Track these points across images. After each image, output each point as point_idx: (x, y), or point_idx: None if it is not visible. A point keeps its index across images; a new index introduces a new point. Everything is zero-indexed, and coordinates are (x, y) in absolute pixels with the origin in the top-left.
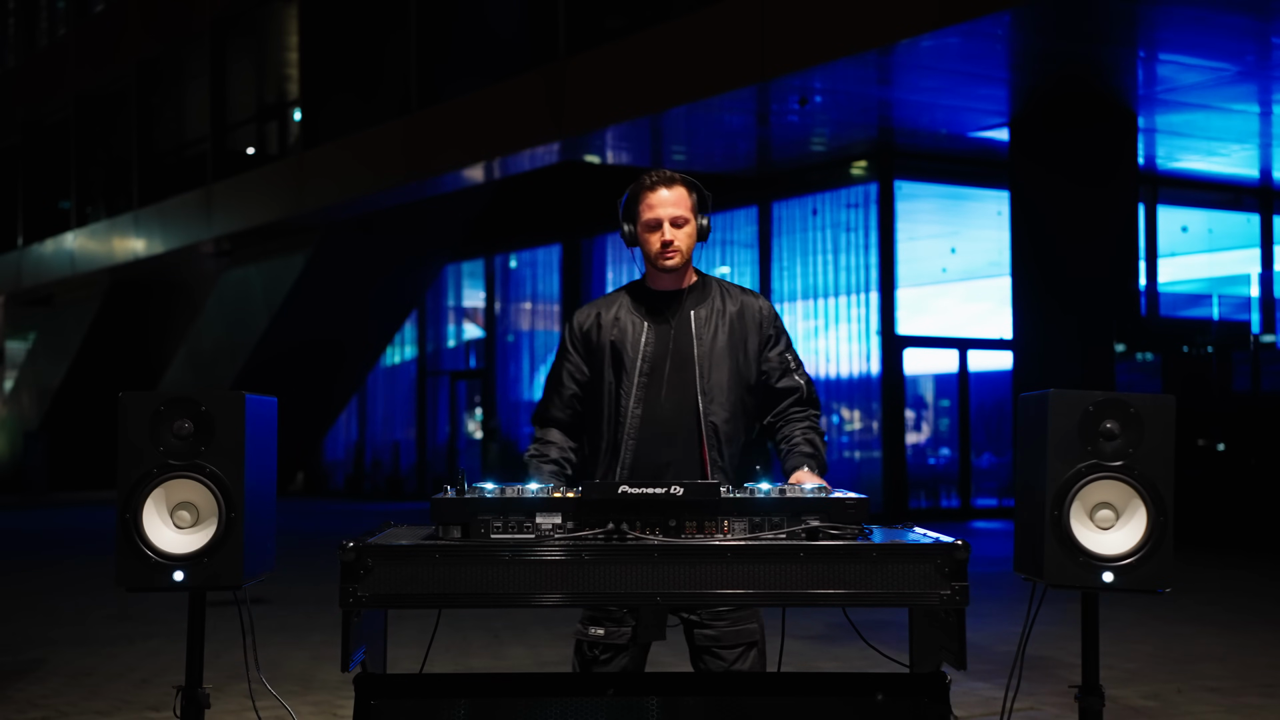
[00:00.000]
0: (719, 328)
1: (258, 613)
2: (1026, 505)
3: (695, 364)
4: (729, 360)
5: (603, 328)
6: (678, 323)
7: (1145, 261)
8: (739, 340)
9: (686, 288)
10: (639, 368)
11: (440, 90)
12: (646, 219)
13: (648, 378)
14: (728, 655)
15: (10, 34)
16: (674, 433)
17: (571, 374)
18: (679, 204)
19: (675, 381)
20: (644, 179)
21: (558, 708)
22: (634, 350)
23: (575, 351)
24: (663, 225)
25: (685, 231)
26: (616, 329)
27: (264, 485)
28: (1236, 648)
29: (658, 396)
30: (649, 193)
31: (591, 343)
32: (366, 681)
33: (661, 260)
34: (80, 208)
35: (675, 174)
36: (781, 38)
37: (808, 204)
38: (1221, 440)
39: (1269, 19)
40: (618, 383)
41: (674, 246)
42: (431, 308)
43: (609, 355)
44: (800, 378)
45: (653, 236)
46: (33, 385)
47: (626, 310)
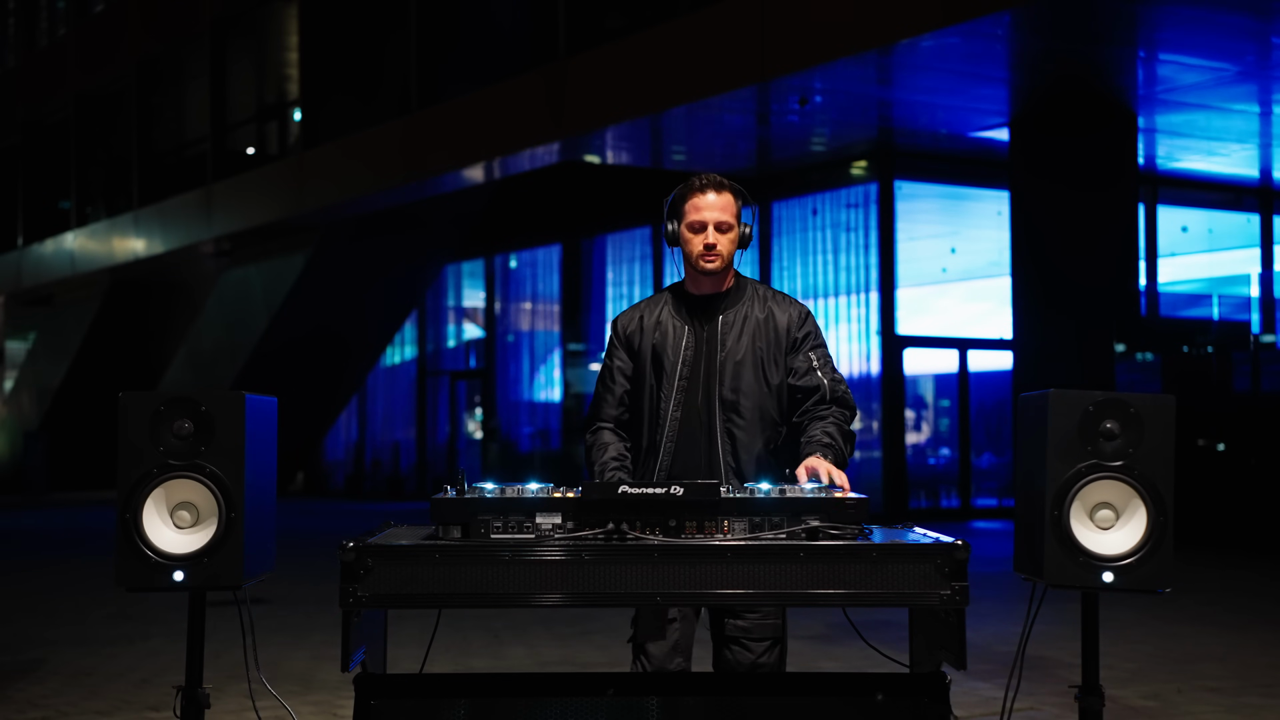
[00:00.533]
0: (744, 333)
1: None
2: (1026, 505)
3: (718, 370)
4: (752, 366)
5: (645, 331)
6: (711, 327)
7: (1145, 261)
8: (764, 346)
9: (724, 291)
10: (679, 371)
11: (440, 90)
12: (691, 220)
13: (687, 381)
14: (756, 648)
15: (10, 34)
16: (705, 436)
17: (622, 370)
18: (725, 209)
19: (707, 386)
20: (694, 180)
21: (558, 708)
22: (674, 354)
23: (621, 350)
24: (707, 228)
25: (729, 237)
26: (658, 332)
27: (264, 485)
28: (1236, 648)
29: (695, 400)
30: (697, 195)
31: (634, 345)
32: (366, 681)
33: (703, 263)
34: (80, 208)
35: (724, 179)
36: (781, 38)
37: (808, 204)
38: (1221, 440)
39: (1269, 19)
40: (658, 385)
41: (716, 250)
42: (431, 308)
43: (650, 358)
44: (823, 376)
45: (696, 238)
46: (33, 385)
47: (668, 313)
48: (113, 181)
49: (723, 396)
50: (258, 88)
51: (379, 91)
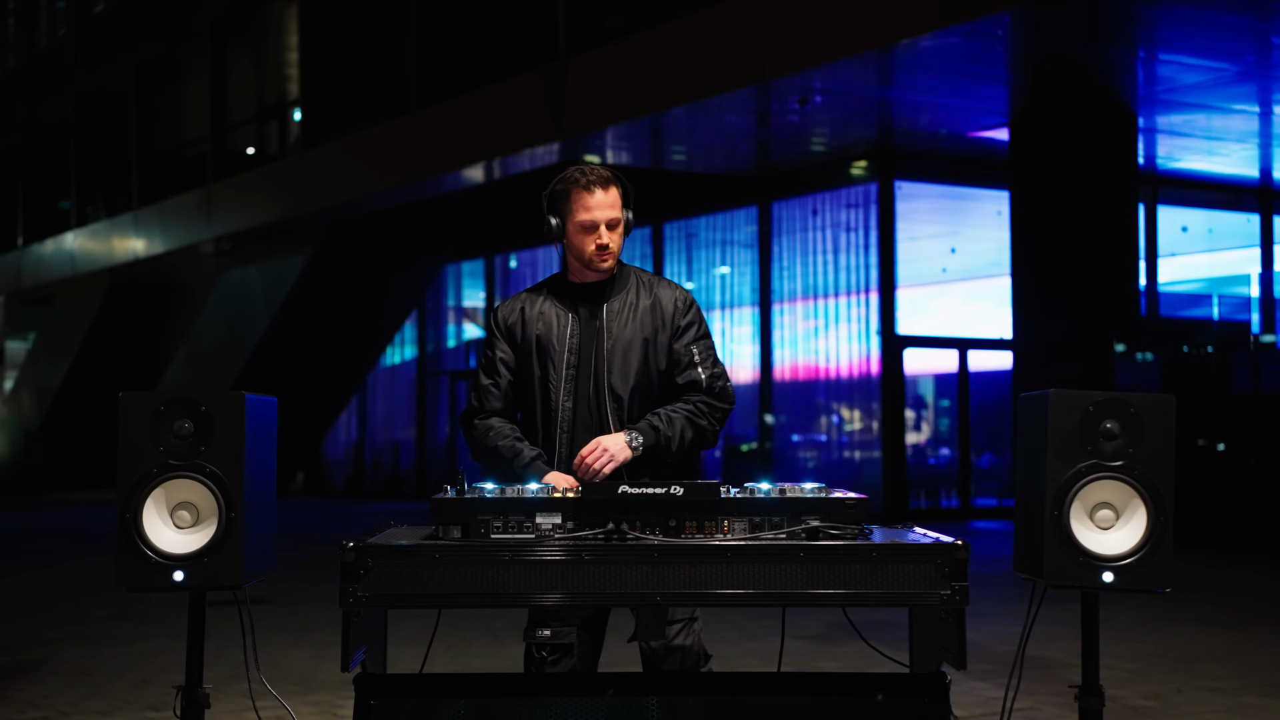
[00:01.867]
0: (629, 321)
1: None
2: (1026, 505)
3: (605, 358)
4: (639, 354)
5: (527, 321)
6: (595, 316)
7: (1145, 261)
8: (649, 332)
9: (607, 280)
10: (565, 360)
11: (440, 90)
12: (582, 220)
13: (575, 370)
14: (669, 630)
15: (10, 34)
16: (597, 426)
17: (505, 362)
18: (614, 205)
19: (596, 375)
20: (577, 176)
21: (558, 708)
22: (559, 344)
23: (503, 340)
24: (599, 228)
25: (618, 232)
26: (541, 322)
27: (264, 485)
28: (1236, 648)
29: (585, 390)
30: (585, 194)
31: (515, 336)
32: (366, 681)
33: (597, 263)
34: (80, 208)
35: (607, 172)
36: (781, 38)
37: (808, 204)
38: (1221, 440)
39: (1269, 19)
40: (545, 376)
41: (609, 250)
42: (431, 308)
43: (535, 348)
44: (702, 370)
45: (588, 239)
46: (33, 385)
47: (550, 304)
48: (113, 181)
49: (611, 385)
50: (258, 88)
51: (379, 91)
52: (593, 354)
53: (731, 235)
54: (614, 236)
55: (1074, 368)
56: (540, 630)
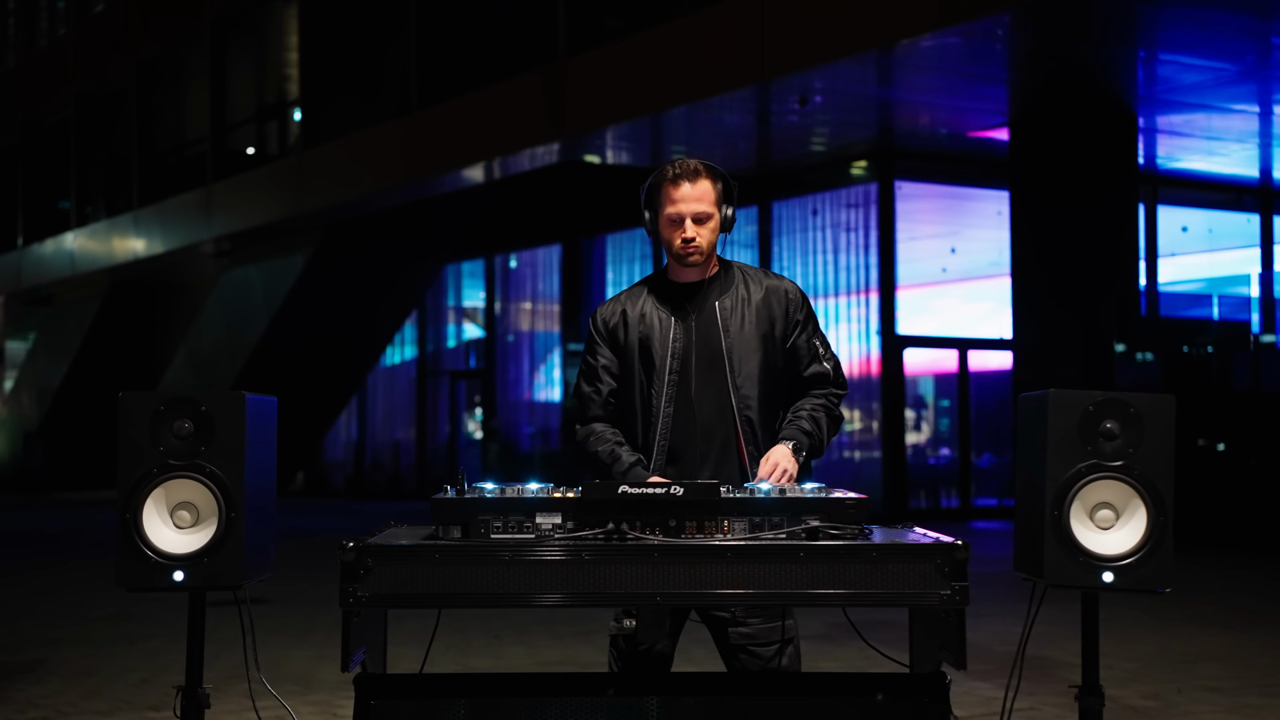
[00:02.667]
0: (745, 316)
1: (258, 613)
2: (1026, 505)
3: (724, 357)
4: (759, 350)
5: (629, 324)
6: (703, 315)
7: (1145, 261)
8: (767, 327)
9: (709, 278)
10: (669, 365)
11: (440, 90)
12: (668, 213)
13: (678, 375)
14: (764, 653)
15: (10, 34)
16: (709, 428)
17: (607, 368)
18: (702, 198)
19: (706, 376)
20: (666, 169)
21: (558, 708)
22: (662, 347)
23: (604, 346)
24: (685, 221)
25: (708, 226)
26: (644, 325)
27: (264, 485)
28: (1236, 648)
29: (688, 393)
30: (671, 186)
31: (618, 339)
32: (366, 681)
33: (685, 258)
34: (80, 208)
35: (700, 164)
36: (781, 38)
37: (808, 204)
38: (1221, 440)
39: (1269, 19)
40: (648, 381)
41: (695, 244)
42: (431, 308)
43: (638, 352)
44: (828, 363)
45: (675, 232)
46: (33, 385)
47: (652, 305)
48: (113, 181)
49: (736, 384)
50: (258, 88)
51: (379, 91)
52: (694, 357)
53: (731, 235)
54: (702, 230)
55: (1074, 368)
56: (626, 620)
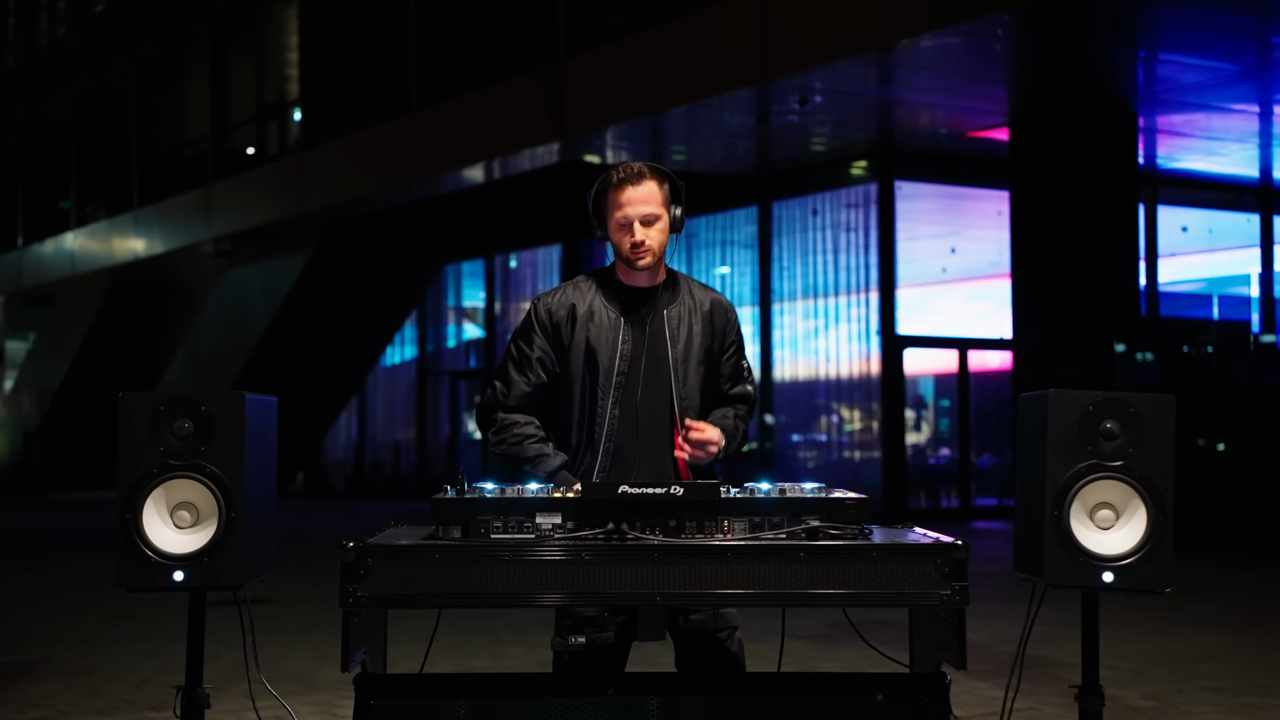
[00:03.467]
0: (692, 329)
1: (258, 613)
2: (1026, 505)
3: (670, 367)
4: (702, 363)
5: (577, 320)
6: (653, 322)
7: (1145, 261)
8: (708, 342)
9: (660, 284)
10: (617, 366)
11: (440, 90)
12: (616, 218)
13: (624, 377)
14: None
15: (10, 34)
16: (654, 434)
17: (543, 361)
18: (649, 200)
19: (651, 384)
20: (611, 174)
21: (558, 708)
22: (611, 349)
23: (542, 337)
24: (633, 225)
25: (657, 229)
26: (593, 325)
27: (264, 485)
28: (1236, 648)
29: (633, 398)
30: (616, 191)
31: (561, 333)
32: (366, 681)
33: (634, 261)
34: (80, 208)
35: (645, 167)
36: (781, 38)
37: (808, 204)
38: (1221, 440)
39: (1269, 19)
40: (593, 381)
41: (645, 246)
42: (431, 308)
43: (584, 351)
44: (750, 385)
45: (623, 236)
46: (33, 385)
47: (601, 304)
48: (113, 181)
49: (680, 394)
50: (258, 88)
51: (379, 91)
52: (644, 362)
53: (731, 235)
54: (650, 232)
55: (1074, 368)
56: (574, 638)
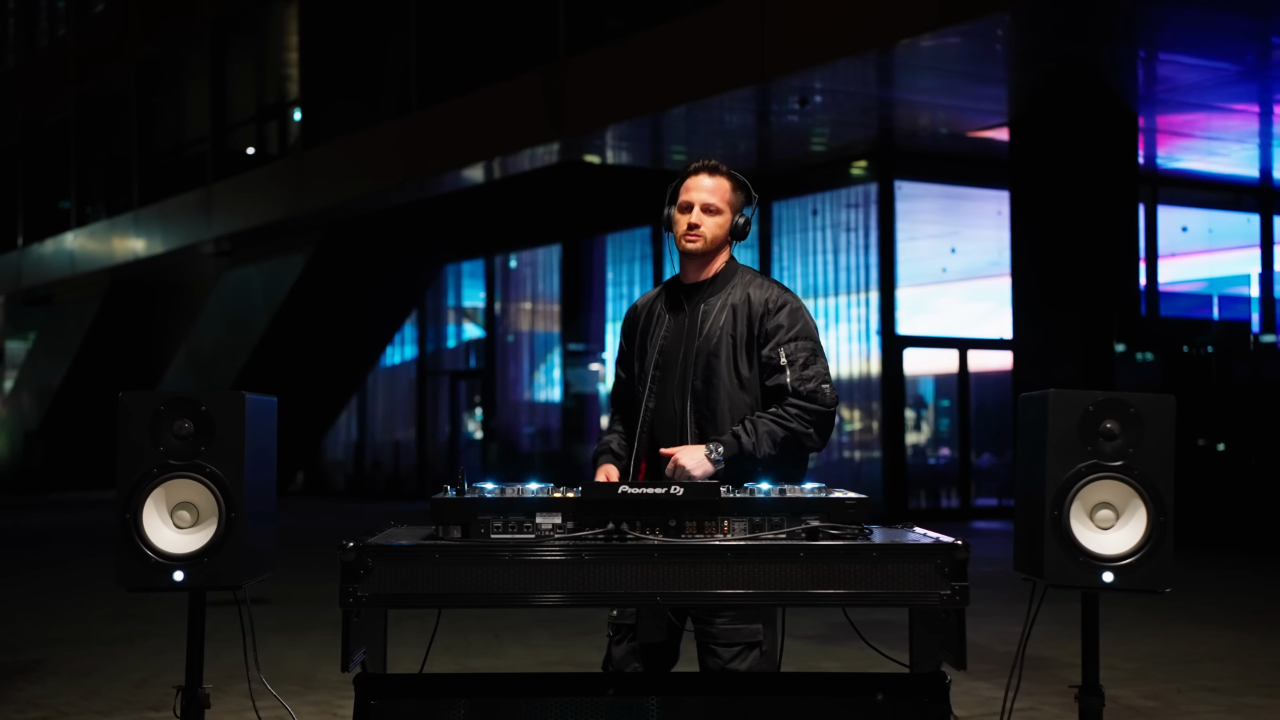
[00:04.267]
0: (720, 318)
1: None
2: (1026, 505)
3: (692, 358)
4: (723, 353)
5: (640, 320)
6: (691, 315)
7: (1145, 261)
8: (734, 332)
9: (710, 278)
10: (653, 360)
11: (440, 90)
12: (681, 200)
13: (661, 370)
14: (724, 654)
15: (10, 34)
16: (672, 424)
17: (624, 361)
18: (715, 192)
19: (678, 375)
20: (691, 164)
21: (558, 708)
22: (652, 343)
23: (624, 338)
24: (693, 209)
25: (715, 220)
26: (649, 320)
27: (264, 485)
28: (1236, 648)
29: (667, 391)
30: (690, 176)
31: (633, 334)
32: (366, 681)
33: (685, 241)
34: (80, 208)
35: (722, 166)
36: (781, 38)
37: (808, 204)
38: (1221, 440)
39: (1269, 19)
40: (642, 375)
41: (698, 230)
42: (431, 308)
43: (638, 346)
44: (790, 375)
45: (682, 217)
46: (33, 385)
47: (662, 303)
48: (113, 181)
49: (693, 388)
50: (258, 88)
51: (379, 91)
52: (679, 356)
53: None
54: (708, 220)
55: (1074, 368)
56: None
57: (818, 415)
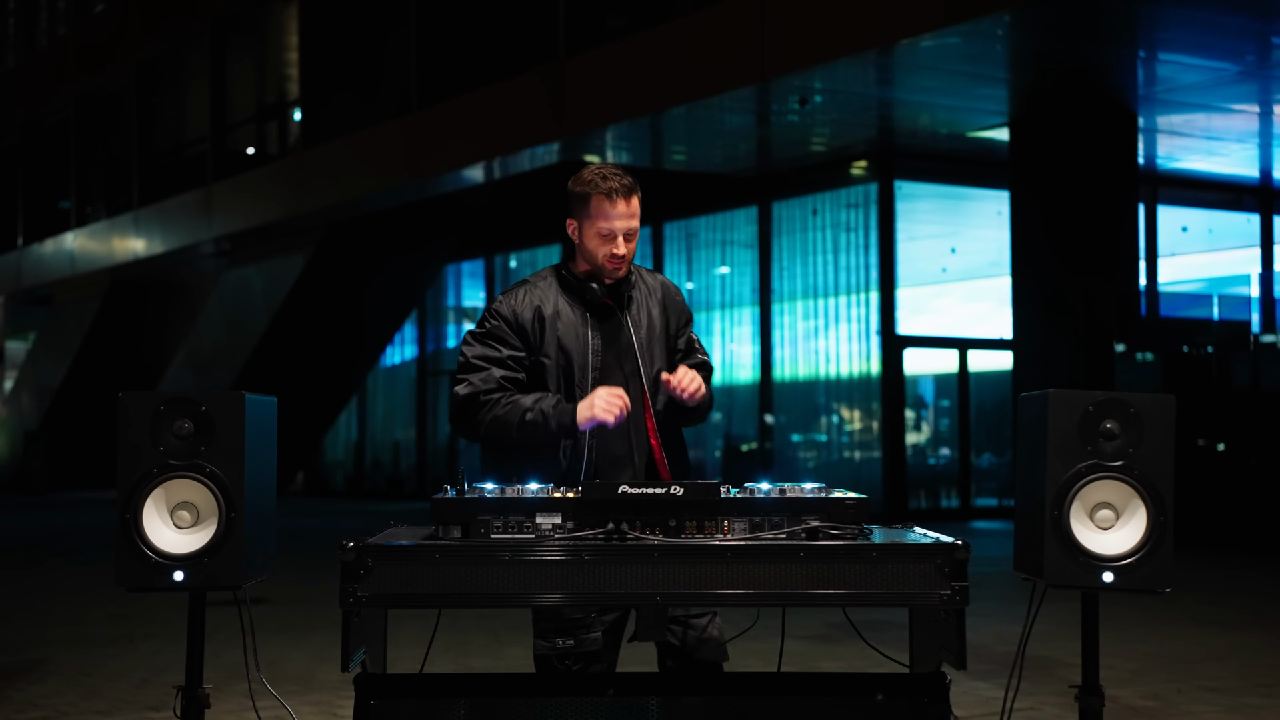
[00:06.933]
0: (651, 315)
1: (258, 613)
2: (1026, 505)
3: (636, 355)
4: (662, 347)
5: (545, 321)
6: (615, 316)
7: (1145, 261)
8: (664, 325)
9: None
10: (590, 363)
11: (440, 90)
12: (601, 227)
13: (599, 373)
14: (698, 622)
15: (10, 34)
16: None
17: (518, 360)
18: (634, 216)
19: (621, 374)
20: (599, 182)
21: (558, 708)
22: (583, 346)
23: (514, 337)
24: (617, 238)
25: (634, 241)
26: (560, 324)
27: (264, 485)
28: (1237, 648)
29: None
30: (607, 202)
31: (530, 334)
32: (366, 681)
33: (609, 271)
34: (80, 208)
35: (630, 180)
36: (781, 38)
37: (808, 204)
38: (1221, 440)
39: (1269, 19)
40: (569, 381)
41: (624, 258)
42: (431, 308)
43: (555, 351)
44: (705, 356)
45: (605, 247)
46: (33, 385)
47: (565, 303)
48: (113, 181)
49: (652, 377)
50: (258, 88)
51: (379, 91)
52: (613, 354)
53: (731, 235)
54: (630, 246)
55: (1074, 368)
56: (562, 640)
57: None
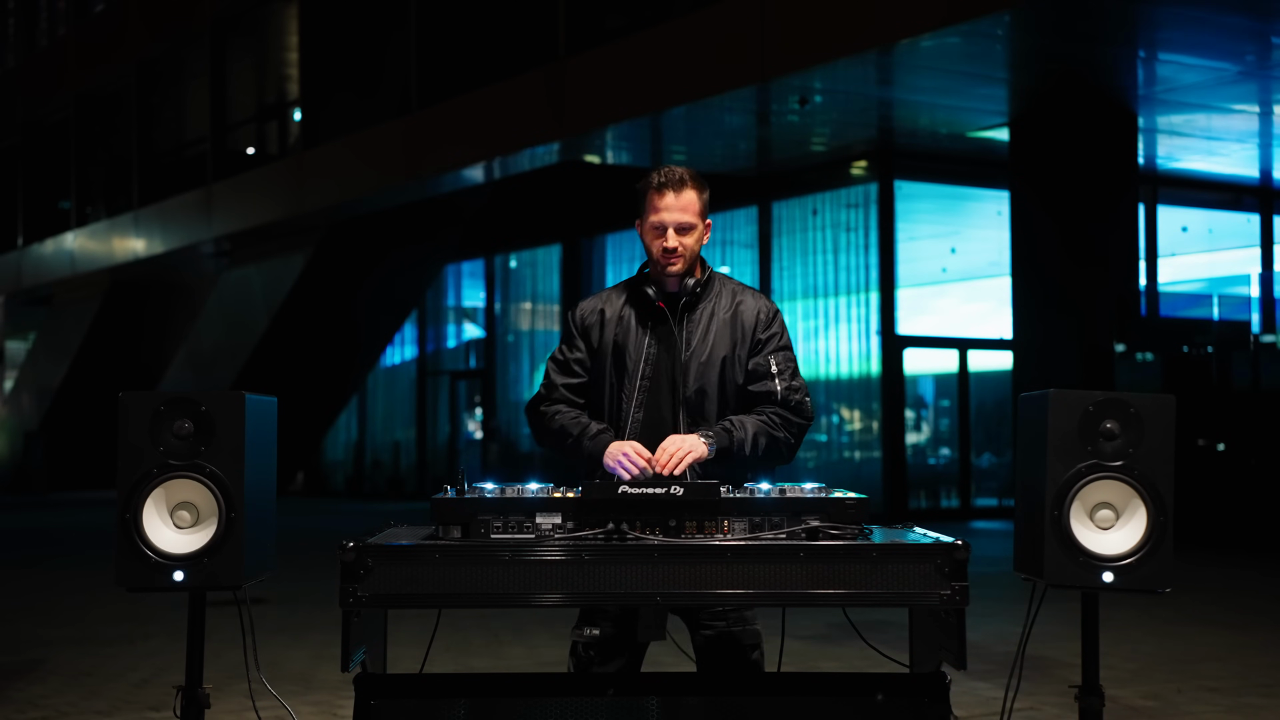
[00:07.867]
0: (710, 332)
1: (258, 613)
2: (1026, 505)
3: (682, 370)
4: (717, 366)
5: (606, 324)
6: (679, 325)
7: (1145, 261)
8: (728, 346)
9: (689, 288)
10: (641, 370)
11: (440, 90)
12: (651, 221)
13: (649, 381)
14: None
15: (10, 34)
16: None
17: (581, 363)
18: (686, 209)
19: (668, 387)
20: (653, 178)
21: (558, 708)
22: (636, 353)
23: (580, 340)
24: (667, 231)
25: (691, 237)
26: (619, 328)
27: (264, 485)
28: (1237, 648)
29: (656, 400)
30: (656, 196)
31: (592, 339)
32: (366, 681)
33: (663, 266)
34: (80, 208)
35: (686, 175)
36: (781, 38)
37: (808, 204)
38: (1221, 440)
39: (1269, 19)
40: (619, 385)
41: (677, 254)
42: (431, 308)
43: (610, 354)
44: (779, 382)
45: (657, 241)
46: (33, 385)
47: (629, 309)
48: (113, 181)
49: (686, 397)
50: (258, 88)
51: (379, 91)
52: (670, 365)
53: (731, 235)
54: (684, 240)
55: (1074, 368)
56: (589, 629)
57: (799, 428)
